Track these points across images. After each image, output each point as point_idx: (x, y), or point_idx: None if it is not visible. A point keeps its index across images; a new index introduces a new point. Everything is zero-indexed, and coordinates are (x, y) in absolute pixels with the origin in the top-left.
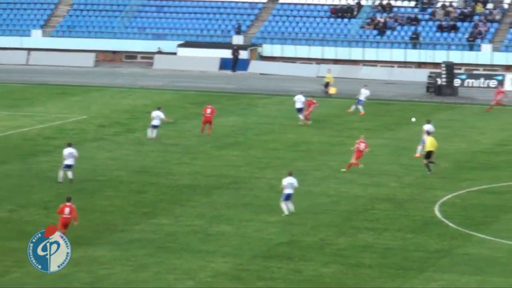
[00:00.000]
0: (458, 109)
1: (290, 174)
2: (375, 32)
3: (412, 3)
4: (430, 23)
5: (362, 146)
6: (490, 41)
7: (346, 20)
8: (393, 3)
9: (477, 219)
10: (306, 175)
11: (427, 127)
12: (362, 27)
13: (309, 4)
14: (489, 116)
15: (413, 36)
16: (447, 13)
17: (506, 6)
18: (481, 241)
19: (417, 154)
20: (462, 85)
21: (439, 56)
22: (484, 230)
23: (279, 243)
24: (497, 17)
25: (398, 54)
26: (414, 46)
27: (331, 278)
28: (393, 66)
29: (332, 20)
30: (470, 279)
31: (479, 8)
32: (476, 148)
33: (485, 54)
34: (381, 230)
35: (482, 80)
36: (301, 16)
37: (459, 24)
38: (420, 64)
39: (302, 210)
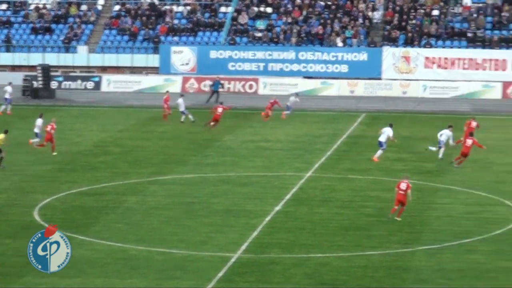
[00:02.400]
0: (56, 112)
1: None
2: None
3: (4, 6)
4: (24, 25)
5: None
6: (86, 43)
7: None
8: None
9: (77, 221)
10: None
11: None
12: None
13: None
14: (86, 118)
15: (6, 39)
16: (41, 15)
17: (100, 7)
18: (82, 243)
19: None
20: (59, 87)
21: (35, 58)
22: (85, 231)
23: None
24: (92, 19)
25: None
26: (8, 49)
27: None
28: None
29: None
30: (71, 282)
31: (73, 9)
32: (76, 150)
33: (82, 56)
34: None
35: (79, 82)
36: None
37: (53, 26)
38: (14, 67)
39: None
